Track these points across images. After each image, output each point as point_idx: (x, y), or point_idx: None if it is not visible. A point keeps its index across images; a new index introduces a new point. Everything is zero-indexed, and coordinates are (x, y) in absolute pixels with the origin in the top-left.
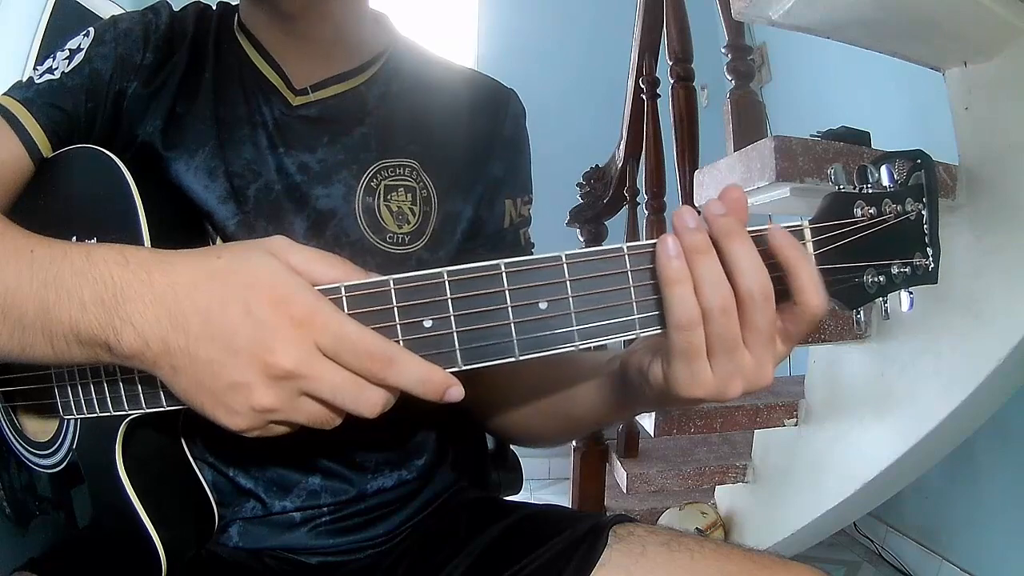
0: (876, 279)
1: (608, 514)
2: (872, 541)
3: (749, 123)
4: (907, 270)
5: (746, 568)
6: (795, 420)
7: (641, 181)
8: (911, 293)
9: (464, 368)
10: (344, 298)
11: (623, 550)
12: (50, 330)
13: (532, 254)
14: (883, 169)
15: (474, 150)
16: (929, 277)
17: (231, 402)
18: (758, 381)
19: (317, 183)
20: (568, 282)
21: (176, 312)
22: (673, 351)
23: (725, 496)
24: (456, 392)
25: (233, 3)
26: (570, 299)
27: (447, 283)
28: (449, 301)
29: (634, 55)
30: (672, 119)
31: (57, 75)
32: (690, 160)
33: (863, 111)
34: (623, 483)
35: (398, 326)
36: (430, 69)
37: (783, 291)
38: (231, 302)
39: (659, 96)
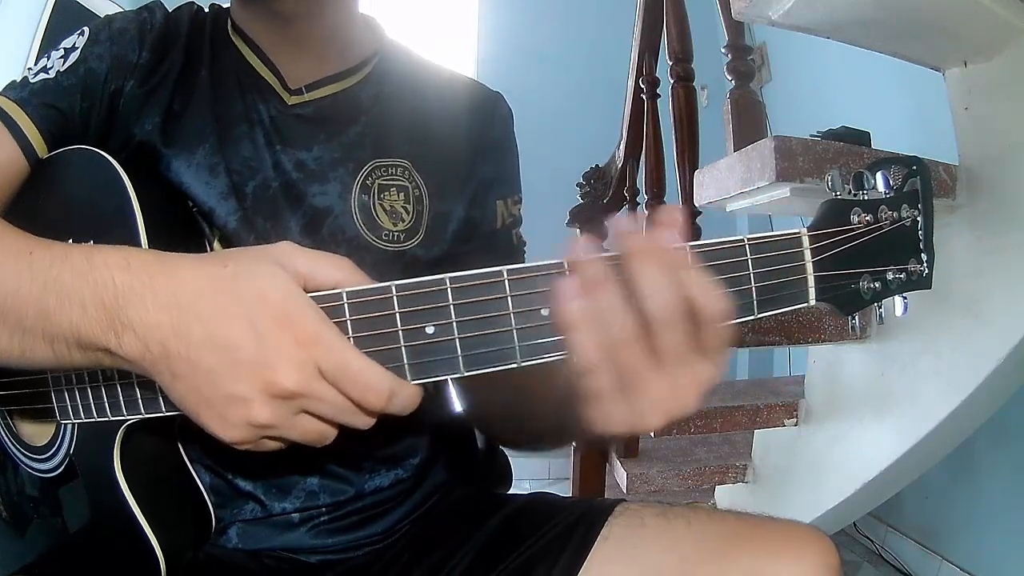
0: (872, 285)
1: None
2: (872, 541)
3: (749, 123)
4: (902, 276)
5: (737, 530)
6: (795, 420)
7: (641, 181)
8: (905, 298)
9: (466, 374)
10: (346, 304)
11: (623, 523)
12: (51, 333)
13: (525, 253)
14: (879, 176)
15: (464, 151)
16: (923, 283)
17: (228, 414)
18: (678, 408)
19: (313, 181)
20: None
21: (178, 319)
22: (581, 393)
23: (725, 496)
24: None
25: (224, 6)
26: None
27: (449, 290)
28: (451, 307)
29: (634, 55)
30: (672, 119)
31: (52, 74)
32: (690, 160)
33: (863, 111)
34: (623, 483)
35: (400, 332)
36: (420, 72)
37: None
38: (235, 315)
39: (659, 96)
